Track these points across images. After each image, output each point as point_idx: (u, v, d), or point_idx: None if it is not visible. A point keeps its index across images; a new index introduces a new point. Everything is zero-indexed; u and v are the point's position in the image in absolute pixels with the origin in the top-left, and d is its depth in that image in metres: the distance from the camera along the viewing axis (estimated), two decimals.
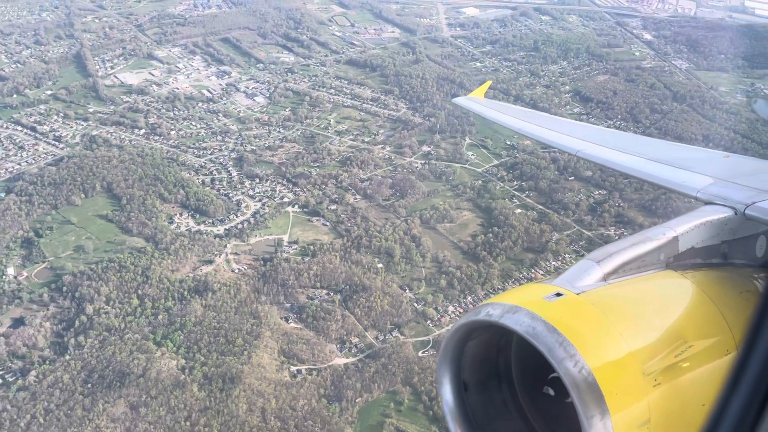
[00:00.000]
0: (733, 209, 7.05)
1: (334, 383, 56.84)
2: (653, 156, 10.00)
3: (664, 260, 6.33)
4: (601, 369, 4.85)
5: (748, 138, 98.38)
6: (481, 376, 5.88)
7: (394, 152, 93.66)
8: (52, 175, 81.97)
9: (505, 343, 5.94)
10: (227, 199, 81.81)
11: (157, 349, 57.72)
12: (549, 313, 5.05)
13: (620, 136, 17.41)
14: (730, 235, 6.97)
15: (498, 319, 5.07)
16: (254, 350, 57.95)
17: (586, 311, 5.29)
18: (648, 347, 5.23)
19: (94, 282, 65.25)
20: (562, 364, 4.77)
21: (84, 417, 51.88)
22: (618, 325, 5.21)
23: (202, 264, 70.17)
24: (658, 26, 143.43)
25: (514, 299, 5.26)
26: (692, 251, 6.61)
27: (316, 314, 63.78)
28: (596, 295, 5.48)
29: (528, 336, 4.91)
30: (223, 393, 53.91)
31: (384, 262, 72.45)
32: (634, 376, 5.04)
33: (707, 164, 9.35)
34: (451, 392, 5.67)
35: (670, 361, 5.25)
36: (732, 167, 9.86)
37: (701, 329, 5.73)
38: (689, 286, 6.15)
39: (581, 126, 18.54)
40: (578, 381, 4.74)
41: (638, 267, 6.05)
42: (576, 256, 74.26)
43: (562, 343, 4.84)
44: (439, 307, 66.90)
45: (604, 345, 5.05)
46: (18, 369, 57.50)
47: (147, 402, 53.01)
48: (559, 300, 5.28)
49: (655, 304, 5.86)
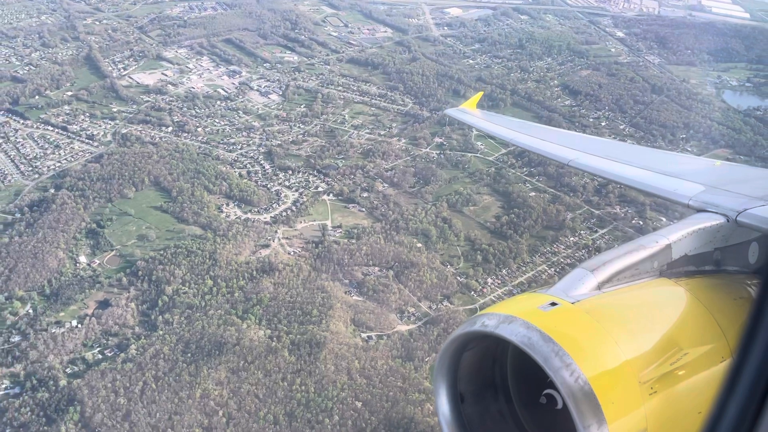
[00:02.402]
0: (725, 216, 7.12)
1: (404, 346, 64.06)
2: (645, 164, 10.08)
3: (657, 268, 6.43)
4: (597, 378, 4.88)
5: (723, 125, 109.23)
6: (477, 387, 5.94)
7: (409, 143, 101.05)
8: (97, 171, 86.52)
9: (500, 354, 6.04)
10: (266, 189, 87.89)
11: (242, 322, 63.88)
12: (544, 323, 5.10)
13: (611, 145, 17.25)
14: (722, 242, 7.05)
15: (493, 329, 5.13)
16: (330, 319, 64.67)
17: (581, 320, 5.36)
18: (643, 355, 5.26)
19: (166, 266, 70.78)
20: (558, 374, 4.81)
21: (191, 381, 57.84)
22: (613, 334, 5.25)
23: (259, 248, 76.32)
24: (628, 24, 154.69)
25: (510, 309, 5.36)
26: (685, 259, 6.70)
27: (375, 288, 70.84)
28: (591, 304, 5.56)
29: (524, 346, 4.96)
30: (311, 356, 60.52)
31: (422, 241, 79.86)
32: (631, 384, 5.06)
33: (698, 172, 9.56)
34: (447, 403, 5.73)
35: (665, 369, 5.27)
36: (723, 175, 10.26)
37: (696, 336, 5.78)
38: (683, 293, 6.21)
39: (572, 135, 18.58)
40: (575, 390, 4.76)
41: (632, 275, 6.18)
42: (590, 233, 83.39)
43: (558, 352, 4.87)
44: (479, 280, 74.79)
45: (600, 354, 5.10)
46: (114, 345, 62.92)
47: (245, 367, 59.27)
48: (554, 309, 5.37)
49: (650, 312, 5.93)
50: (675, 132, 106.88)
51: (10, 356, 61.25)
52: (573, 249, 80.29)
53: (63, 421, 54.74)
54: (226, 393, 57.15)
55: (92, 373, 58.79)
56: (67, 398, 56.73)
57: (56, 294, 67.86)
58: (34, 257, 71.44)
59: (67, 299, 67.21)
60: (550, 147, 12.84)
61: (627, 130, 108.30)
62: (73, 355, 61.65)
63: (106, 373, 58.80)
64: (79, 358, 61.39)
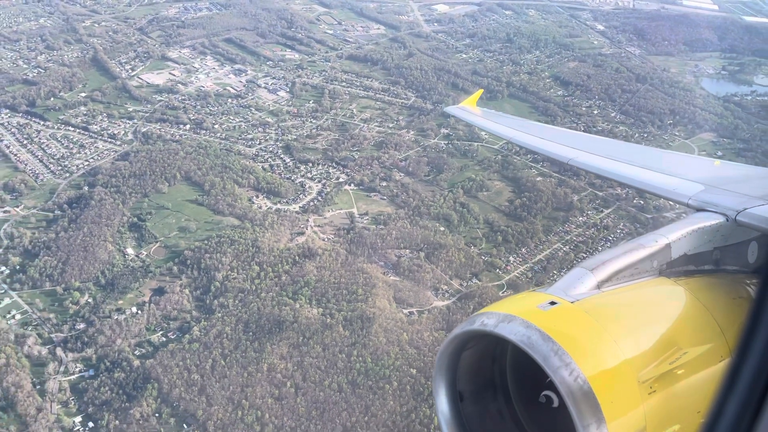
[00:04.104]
0: (724, 216, 7.18)
1: (444, 319, 69.63)
2: (644, 163, 10.10)
3: (657, 267, 6.53)
4: (596, 377, 4.97)
5: (705, 110, 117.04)
6: (477, 386, 6.06)
7: (418, 135, 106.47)
8: (127, 168, 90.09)
9: (500, 353, 6.17)
10: (291, 181, 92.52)
11: (295, 302, 68.71)
12: (544, 322, 5.20)
13: (610, 143, 17.29)
14: (722, 241, 7.13)
15: (493, 328, 5.27)
16: (375, 297, 69.88)
17: (581, 319, 5.47)
18: (643, 355, 5.36)
19: (213, 255, 75.13)
20: (557, 373, 4.91)
21: (257, 357, 62.57)
22: (612, 333, 5.34)
23: (295, 235, 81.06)
24: (606, 17, 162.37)
25: (509, 308, 5.48)
26: (685, 258, 6.80)
27: (410, 268, 76.22)
28: (590, 304, 5.66)
29: (523, 345, 5.06)
30: (363, 330, 65.72)
31: (444, 225, 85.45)
32: (630, 383, 5.16)
33: (698, 171, 9.55)
34: (446, 403, 5.84)
35: (664, 369, 5.36)
36: (722, 174, 10.23)
37: (695, 336, 5.88)
38: (682, 293, 6.30)
39: (571, 134, 18.58)
40: (574, 389, 4.86)
41: (631, 274, 6.27)
42: (596, 213, 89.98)
43: (557, 351, 4.97)
44: (502, 258, 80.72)
45: (599, 353, 5.19)
46: (176, 328, 67.22)
47: (304, 342, 64.21)
48: (553, 309, 5.48)
49: (649, 311, 6.05)
50: (662, 118, 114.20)
51: (79, 342, 65.12)
52: (583, 228, 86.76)
53: (143, 397, 59.12)
54: (291, 366, 62.06)
55: (162, 354, 63.16)
56: (143, 377, 61.09)
57: (112, 284, 71.76)
58: (84, 250, 75.12)
59: (124, 288, 71.20)
60: (550, 146, 13.02)
61: (618, 117, 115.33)
62: (138, 338, 65.82)
63: (176, 353, 63.20)
64: (145, 341, 65.63)
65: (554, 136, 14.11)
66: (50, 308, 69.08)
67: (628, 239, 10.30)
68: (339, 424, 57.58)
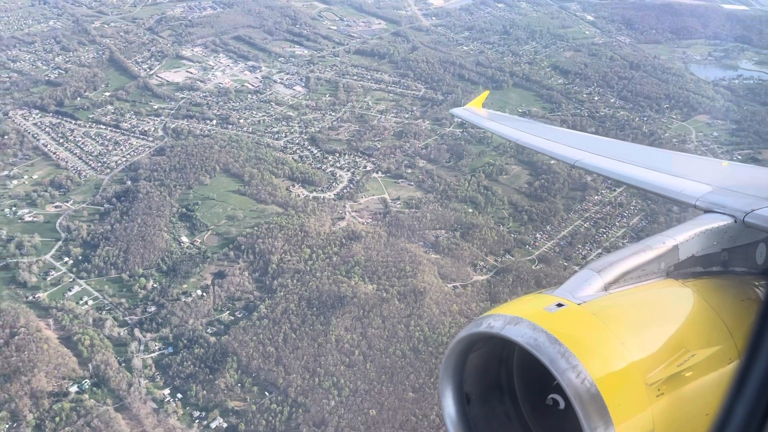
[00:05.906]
0: (732, 217, 7.11)
1: (486, 291, 75.68)
2: (651, 165, 10.11)
3: (664, 269, 6.46)
4: (603, 380, 4.91)
5: (697, 94, 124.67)
6: (483, 388, 6.00)
7: (433, 124, 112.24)
8: (166, 162, 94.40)
9: (506, 355, 6.09)
10: (322, 171, 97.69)
11: (350, 280, 74.14)
12: (551, 324, 5.14)
13: (617, 145, 17.17)
14: (730, 242, 7.07)
15: (499, 330, 5.17)
16: (422, 273, 75.59)
17: (588, 321, 5.38)
18: (650, 357, 5.28)
19: (265, 240, 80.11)
20: (564, 375, 4.85)
21: (324, 330, 67.97)
22: (620, 335, 5.27)
23: (336, 220, 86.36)
24: (595, 8, 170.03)
25: (516, 310, 5.38)
26: (692, 259, 6.73)
27: (448, 246, 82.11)
28: (597, 305, 5.59)
29: (530, 347, 5.01)
30: (417, 303, 71.43)
31: (472, 207, 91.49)
32: (637, 386, 5.10)
33: (705, 172, 9.57)
34: (453, 405, 5.80)
35: (672, 371, 5.29)
36: (730, 175, 10.47)
37: (703, 338, 5.79)
38: (690, 294, 6.22)
39: (577, 135, 18.46)
40: (581, 392, 4.80)
41: (639, 276, 6.19)
42: (610, 191, 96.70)
43: (564, 353, 4.92)
44: (529, 236, 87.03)
45: (607, 355, 5.12)
46: (242, 307, 72.22)
47: (365, 315, 69.71)
48: (560, 311, 5.40)
49: (657, 313, 5.94)
50: (659, 102, 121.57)
51: (153, 323, 69.81)
52: (599, 206, 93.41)
53: (224, 370, 64.19)
54: (356, 337, 67.57)
55: (235, 330, 68.23)
56: (221, 352, 66.09)
57: (173, 270, 76.43)
58: (142, 239, 79.59)
59: (186, 273, 75.91)
60: (557, 147, 13.02)
61: (617, 102, 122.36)
62: (209, 318, 70.75)
63: (247, 329, 68.32)
64: (215, 320, 70.58)
65: (560, 137, 13.96)
66: (119, 294, 73.60)
67: (635, 241, 10.58)
68: (408, 386, 63.26)
